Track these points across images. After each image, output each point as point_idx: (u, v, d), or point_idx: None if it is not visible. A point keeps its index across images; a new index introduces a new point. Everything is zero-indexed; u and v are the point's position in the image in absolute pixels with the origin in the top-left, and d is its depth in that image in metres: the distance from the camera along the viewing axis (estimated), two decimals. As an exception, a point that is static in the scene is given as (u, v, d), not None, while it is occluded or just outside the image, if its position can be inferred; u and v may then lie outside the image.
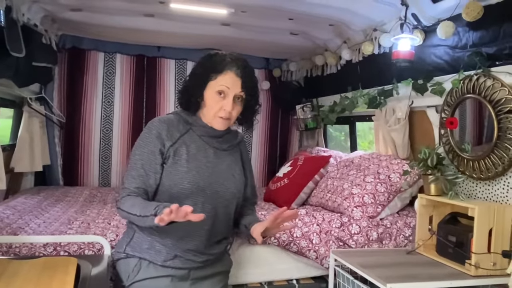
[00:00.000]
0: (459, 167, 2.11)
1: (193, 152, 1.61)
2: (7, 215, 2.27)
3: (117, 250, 1.69)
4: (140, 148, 1.60)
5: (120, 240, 1.74)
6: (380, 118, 2.71)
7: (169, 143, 1.59)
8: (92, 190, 3.31)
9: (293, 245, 2.22)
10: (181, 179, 1.57)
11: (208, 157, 1.64)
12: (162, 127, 1.60)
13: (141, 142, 1.61)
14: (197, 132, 1.64)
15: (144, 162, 1.57)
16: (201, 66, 1.62)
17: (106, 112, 3.71)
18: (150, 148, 1.58)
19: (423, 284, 1.70)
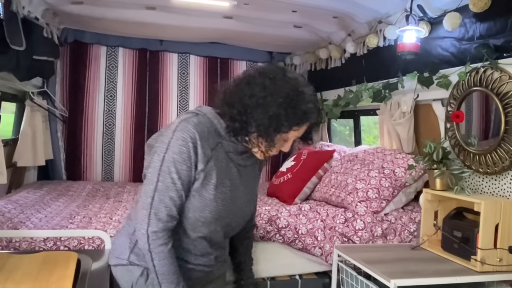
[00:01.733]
0: (465, 161, 2.07)
1: (220, 175, 1.41)
2: (8, 209, 2.26)
3: (116, 255, 1.51)
4: (176, 163, 1.33)
5: (118, 243, 1.54)
6: (385, 112, 2.67)
7: (202, 163, 1.36)
8: (95, 185, 3.30)
9: (298, 242, 2.20)
10: (204, 206, 1.40)
11: (232, 180, 1.46)
12: (198, 139, 1.34)
13: (176, 157, 1.33)
14: (225, 147, 1.42)
15: (182, 181, 1.34)
16: (284, 108, 1.30)
17: (108, 106, 3.69)
18: (188, 165, 1.34)
19: (427, 280, 1.66)
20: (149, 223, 1.34)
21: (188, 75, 3.86)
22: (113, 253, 1.53)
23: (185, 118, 1.39)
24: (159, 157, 1.35)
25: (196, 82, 3.89)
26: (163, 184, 1.34)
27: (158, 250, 1.34)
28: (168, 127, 1.42)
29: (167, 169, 1.33)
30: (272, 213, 2.24)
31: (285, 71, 1.37)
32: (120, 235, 1.57)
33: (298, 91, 1.33)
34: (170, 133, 1.36)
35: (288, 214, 2.24)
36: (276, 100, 1.30)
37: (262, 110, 1.31)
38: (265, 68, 1.39)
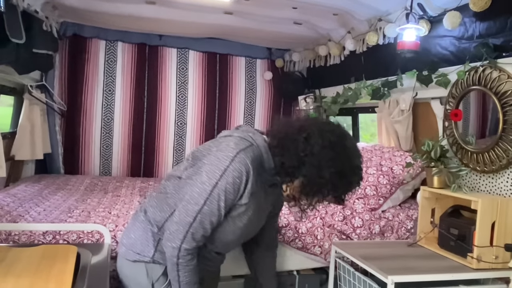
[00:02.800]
0: (463, 159, 2.09)
1: (256, 207, 1.45)
2: (7, 202, 2.26)
3: (136, 251, 1.50)
4: (227, 193, 1.36)
5: (137, 239, 1.52)
6: (383, 110, 2.69)
7: (247, 198, 1.39)
8: (93, 179, 3.30)
9: (298, 241, 2.21)
10: (233, 231, 1.46)
11: (260, 206, 1.49)
12: (251, 174, 1.37)
13: (228, 187, 1.35)
14: (263, 179, 1.44)
15: (225, 209, 1.38)
16: (334, 179, 1.32)
17: (107, 100, 3.68)
18: (235, 196, 1.38)
19: (424, 276, 1.68)
20: (183, 241, 1.38)
21: (187, 70, 3.86)
22: (131, 249, 1.52)
23: (243, 149, 1.38)
24: (211, 181, 1.36)
25: (195, 77, 3.88)
26: (209, 208, 1.36)
27: (186, 264, 1.40)
28: (220, 147, 1.41)
29: (217, 196, 1.36)
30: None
31: (344, 136, 1.38)
32: (137, 229, 1.54)
33: (352, 165, 1.36)
34: (226, 160, 1.36)
35: (288, 212, 2.25)
36: (329, 169, 1.31)
37: (313, 173, 1.33)
38: (326, 127, 1.39)
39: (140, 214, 1.57)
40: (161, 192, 1.55)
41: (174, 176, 1.54)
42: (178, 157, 3.88)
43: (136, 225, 1.56)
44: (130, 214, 2.22)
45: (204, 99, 3.92)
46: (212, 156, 1.41)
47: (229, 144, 1.40)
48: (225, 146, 1.41)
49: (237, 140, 1.42)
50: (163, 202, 1.51)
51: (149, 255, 1.49)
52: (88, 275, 1.39)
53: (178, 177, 1.52)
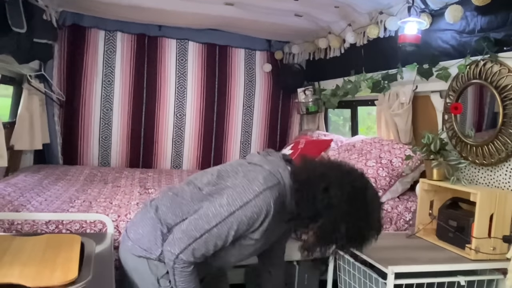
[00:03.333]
0: (462, 152, 2.11)
1: (266, 238, 1.50)
2: (8, 192, 2.26)
3: (144, 248, 1.52)
4: (240, 224, 1.40)
5: (145, 235, 1.53)
6: (383, 103, 2.70)
7: (260, 233, 1.45)
8: (92, 170, 3.30)
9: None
10: (238, 255, 1.51)
11: (270, 235, 1.53)
12: (271, 214, 1.41)
13: (244, 219, 1.40)
14: (282, 216, 1.46)
15: (234, 237, 1.43)
16: (349, 233, 1.35)
17: (106, 91, 3.67)
18: (247, 228, 1.43)
19: (424, 267, 1.71)
20: (183, 251, 1.41)
21: (186, 62, 3.85)
22: (138, 244, 1.53)
23: (270, 186, 1.40)
24: (230, 208, 1.39)
25: (194, 68, 3.88)
26: (218, 232, 1.39)
27: (182, 270, 1.43)
28: (249, 177, 1.43)
29: (230, 223, 1.39)
30: None
31: (366, 188, 1.38)
32: (146, 225, 1.55)
33: (370, 219, 1.37)
34: (251, 194, 1.39)
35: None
36: (346, 224, 1.33)
37: (328, 226, 1.34)
38: (347, 177, 1.38)
39: (151, 210, 1.57)
40: (177, 195, 1.56)
41: (195, 185, 1.55)
42: (177, 148, 3.89)
43: (145, 221, 1.57)
44: (132, 204, 2.23)
45: (203, 91, 3.92)
46: (238, 182, 1.44)
47: (258, 177, 1.42)
48: (253, 177, 1.43)
49: (266, 174, 1.43)
50: (177, 206, 1.52)
51: (156, 253, 1.50)
52: (93, 264, 1.41)
53: (198, 187, 1.53)
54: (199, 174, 1.63)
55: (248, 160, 1.57)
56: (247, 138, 4.09)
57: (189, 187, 1.56)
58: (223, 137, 4.03)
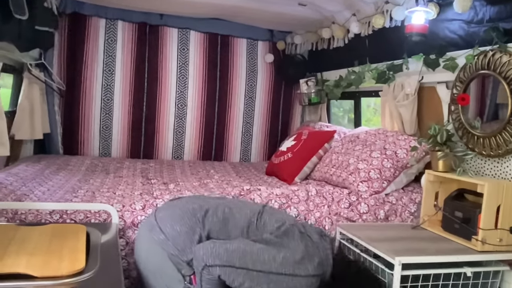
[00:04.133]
0: (468, 144, 2.10)
1: None
2: (10, 182, 2.24)
3: (177, 246, 1.55)
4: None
5: (183, 237, 1.57)
6: (388, 94, 2.68)
7: None
8: (93, 160, 3.28)
9: None
10: None
11: None
12: None
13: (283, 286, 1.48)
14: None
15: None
16: None
17: (107, 80, 3.63)
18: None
19: (430, 258, 1.71)
20: (213, 267, 1.43)
21: (188, 51, 3.81)
22: (173, 242, 1.56)
23: (318, 275, 1.54)
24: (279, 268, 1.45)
25: (196, 58, 3.84)
26: (254, 276, 1.43)
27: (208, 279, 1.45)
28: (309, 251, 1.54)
29: (269, 281, 1.44)
30: (283, 200, 2.24)
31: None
32: (184, 224, 1.58)
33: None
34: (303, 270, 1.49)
35: (297, 201, 2.25)
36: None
37: None
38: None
39: (199, 212, 1.58)
40: (232, 217, 1.60)
41: (252, 222, 1.60)
42: (178, 139, 3.86)
43: (185, 220, 1.57)
44: (135, 194, 2.21)
45: (204, 81, 3.88)
46: (299, 249, 1.51)
47: (315, 259, 1.52)
48: (312, 255, 1.52)
49: (320, 261, 1.54)
50: (227, 225, 1.57)
51: (188, 257, 1.51)
52: (100, 254, 1.39)
53: (256, 225, 1.59)
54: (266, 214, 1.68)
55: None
56: (249, 129, 4.07)
57: (246, 217, 1.59)
58: (225, 128, 4.01)
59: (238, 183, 2.58)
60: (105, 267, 1.31)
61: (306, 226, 1.68)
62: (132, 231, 1.91)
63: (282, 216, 1.71)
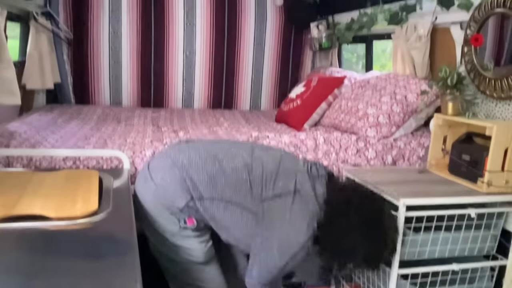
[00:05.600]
0: (480, 86, 2.05)
1: None
2: (24, 130, 2.29)
3: (168, 197, 1.58)
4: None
5: (173, 187, 1.60)
6: (400, 36, 2.60)
7: None
8: (105, 109, 3.32)
9: None
10: None
11: None
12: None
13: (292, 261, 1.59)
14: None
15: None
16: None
17: (113, 28, 3.58)
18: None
19: (435, 199, 1.73)
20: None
21: (195, -6, 3.71)
22: (164, 192, 1.59)
23: (311, 236, 1.57)
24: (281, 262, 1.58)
25: (203, 4, 3.73)
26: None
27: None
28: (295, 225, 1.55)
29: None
30: (292, 148, 2.26)
31: (383, 211, 1.62)
32: (174, 176, 1.59)
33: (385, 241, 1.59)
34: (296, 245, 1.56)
35: (305, 150, 2.27)
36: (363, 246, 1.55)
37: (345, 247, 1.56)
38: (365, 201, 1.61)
39: (183, 159, 1.59)
40: (215, 166, 1.58)
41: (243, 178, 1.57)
42: (188, 87, 3.85)
43: (174, 170, 1.58)
44: (146, 142, 2.25)
45: (212, 27, 3.80)
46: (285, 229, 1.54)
47: (303, 227, 1.54)
48: (299, 226, 1.54)
49: (309, 220, 1.55)
50: (214, 180, 1.57)
51: (180, 205, 1.56)
52: (112, 197, 1.45)
53: (249, 187, 1.57)
54: (252, 151, 1.66)
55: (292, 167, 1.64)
56: (258, 76, 4.02)
57: (237, 173, 1.58)
58: (234, 75, 3.97)
59: (247, 130, 2.60)
60: (118, 209, 1.36)
61: (298, 176, 1.62)
62: (143, 177, 1.98)
63: (273, 167, 1.61)
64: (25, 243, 1.14)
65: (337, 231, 1.52)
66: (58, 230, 1.20)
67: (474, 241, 1.82)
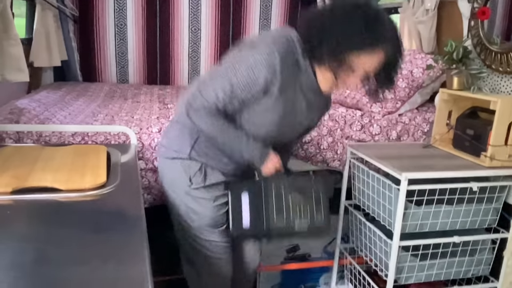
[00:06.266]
0: (486, 60, 2.04)
1: (291, 102, 1.45)
2: (33, 107, 2.33)
3: (174, 149, 1.60)
4: (247, 71, 1.36)
5: (176, 139, 1.62)
6: (407, 10, 2.57)
7: (277, 85, 1.38)
8: (112, 86, 3.34)
9: (319, 156, 2.28)
10: (270, 125, 1.46)
11: (301, 109, 1.49)
12: (280, 65, 1.35)
13: (252, 61, 1.36)
14: (301, 82, 1.44)
15: (242, 86, 1.38)
16: (360, 27, 1.27)
17: (118, 5, 3.58)
18: (258, 80, 1.37)
19: (436, 173, 1.75)
20: (191, 97, 1.44)
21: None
22: (171, 147, 1.63)
23: (277, 44, 1.37)
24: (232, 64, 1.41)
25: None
26: (221, 76, 1.41)
27: (205, 118, 1.43)
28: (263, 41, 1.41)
29: (233, 64, 1.40)
30: None
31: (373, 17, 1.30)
32: (174, 130, 1.64)
33: (378, 14, 1.30)
34: (263, 47, 1.37)
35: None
36: (353, 18, 1.28)
37: (338, 28, 1.29)
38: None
39: (179, 116, 1.63)
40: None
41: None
42: (193, 64, 3.85)
43: (173, 126, 1.67)
44: (152, 118, 2.28)
45: (218, 3, 3.77)
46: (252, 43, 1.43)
47: (268, 37, 1.42)
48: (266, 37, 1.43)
49: (277, 32, 1.43)
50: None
51: (186, 152, 1.59)
52: (120, 171, 1.49)
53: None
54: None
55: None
56: (264, 52, 4.00)
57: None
58: (240, 52, 3.95)
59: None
60: (125, 182, 1.40)
61: None
62: (150, 152, 2.01)
63: None
64: (38, 213, 1.19)
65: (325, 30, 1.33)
66: (68, 201, 1.25)
67: (475, 215, 1.84)
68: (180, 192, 1.63)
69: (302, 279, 2.54)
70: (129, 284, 0.85)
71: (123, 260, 0.94)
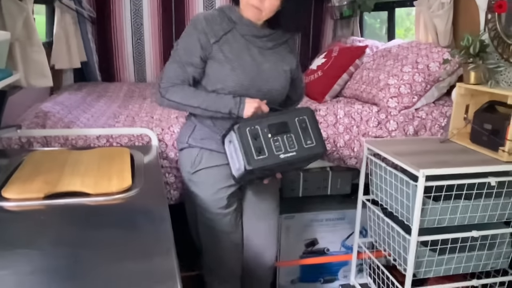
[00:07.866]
0: (503, 54, 2.03)
1: (236, 51, 1.65)
2: (57, 110, 2.41)
3: (179, 141, 1.86)
4: (182, 41, 1.68)
5: (181, 133, 1.88)
6: (423, 3, 2.55)
7: (213, 39, 1.63)
8: (130, 86, 3.41)
9: (336, 154, 2.30)
10: (225, 76, 1.63)
11: (253, 56, 1.67)
12: (206, 23, 1.63)
13: (184, 35, 1.68)
14: (240, 31, 1.66)
15: (184, 53, 1.65)
16: None
17: (135, 5, 3.63)
18: (192, 41, 1.64)
19: (454, 169, 1.76)
20: (161, 84, 1.68)
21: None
22: (179, 140, 1.87)
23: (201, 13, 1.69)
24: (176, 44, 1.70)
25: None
26: (172, 56, 1.70)
27: (170, 91, 1.66)
28: None
29: (175, 46, 1.69)
30: None
31: None
32: (182, 126, 1.93)
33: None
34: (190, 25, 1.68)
35: (326, 125, 2.31)
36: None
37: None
38: None
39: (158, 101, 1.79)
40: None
41: None
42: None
43: (184, 125, 1.92)
44: (171, 118, 2.33)
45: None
46: None
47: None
48: None
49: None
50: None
51: (185, 141, 1.78)
52: (144, 172, 1.55)
53: None
54: None
55: None
56: (279, 47, 4.01)
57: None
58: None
59: (269, 103, 2.65)
60: (150, 184, 1.46)
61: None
62: (174, 152, 2.08)
63: None
64: (69, 217, 1.26)
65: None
66: (97, 205, 1.31)
67: (494, 209, 1.85)
68: (186, 177, 1.82)
69: (321, 272, 2.58)
70: (161, 278, 0.93)
71: (153, 258, 1.02)
